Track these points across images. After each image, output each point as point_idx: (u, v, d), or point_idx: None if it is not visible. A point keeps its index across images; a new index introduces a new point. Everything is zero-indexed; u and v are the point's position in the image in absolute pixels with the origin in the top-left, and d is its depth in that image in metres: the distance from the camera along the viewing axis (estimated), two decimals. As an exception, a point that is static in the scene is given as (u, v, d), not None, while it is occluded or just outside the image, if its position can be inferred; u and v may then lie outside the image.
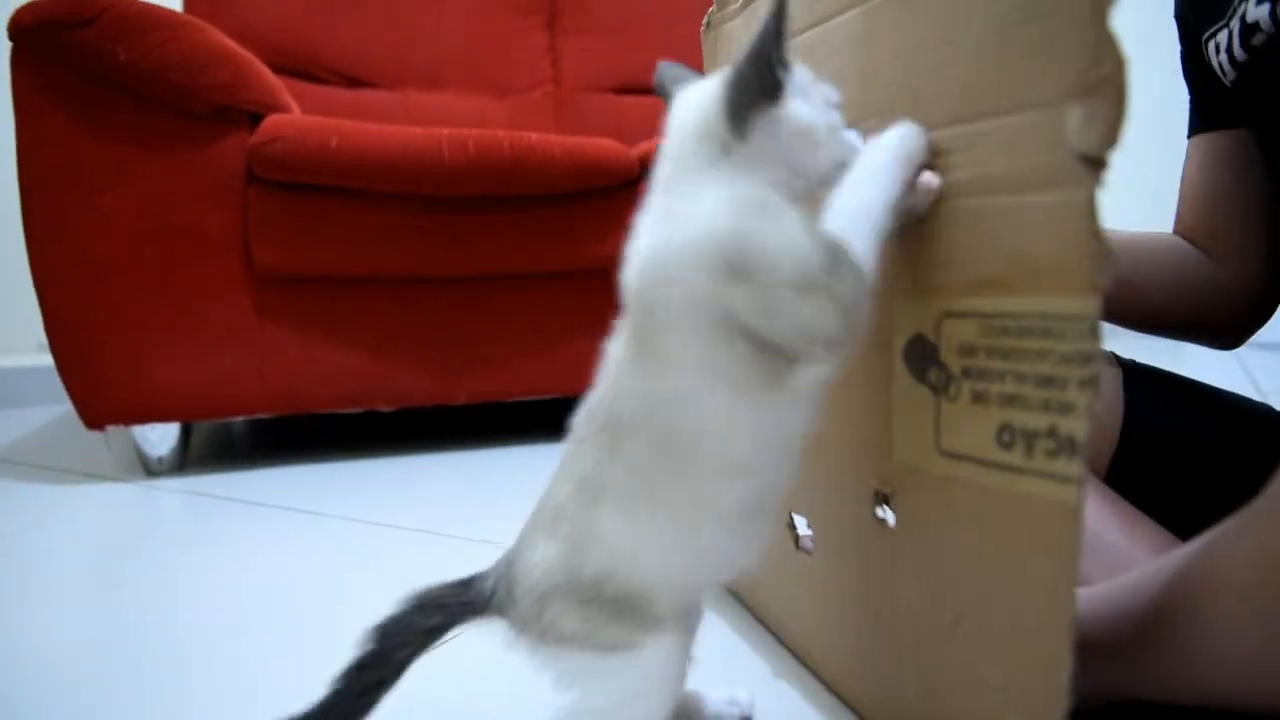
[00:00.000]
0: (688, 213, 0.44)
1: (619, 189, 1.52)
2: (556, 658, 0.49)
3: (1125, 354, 0.80)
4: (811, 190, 0.48)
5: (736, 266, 0.42)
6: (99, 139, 1.32)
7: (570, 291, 1.57)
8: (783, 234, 0.43)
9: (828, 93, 0.49)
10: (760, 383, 0.43)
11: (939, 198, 0.48)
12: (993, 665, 0.44)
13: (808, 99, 0.47)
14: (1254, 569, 0.43)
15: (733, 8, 0.81)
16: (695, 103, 0.47)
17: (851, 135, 0.49)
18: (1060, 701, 0.39)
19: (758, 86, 0.44)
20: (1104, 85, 0.37)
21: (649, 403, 0.46)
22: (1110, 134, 0.37)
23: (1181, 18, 0.81)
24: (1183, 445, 0.75)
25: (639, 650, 0.48)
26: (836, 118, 0.49)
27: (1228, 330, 0.82)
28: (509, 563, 0.51)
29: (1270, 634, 0.43)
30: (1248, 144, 0.77)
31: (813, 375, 0.44)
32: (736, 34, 0.80)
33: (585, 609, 0.47)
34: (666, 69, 0.54)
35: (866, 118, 0.55)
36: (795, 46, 0.66)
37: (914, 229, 0.49)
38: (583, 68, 2.17)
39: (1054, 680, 0.39)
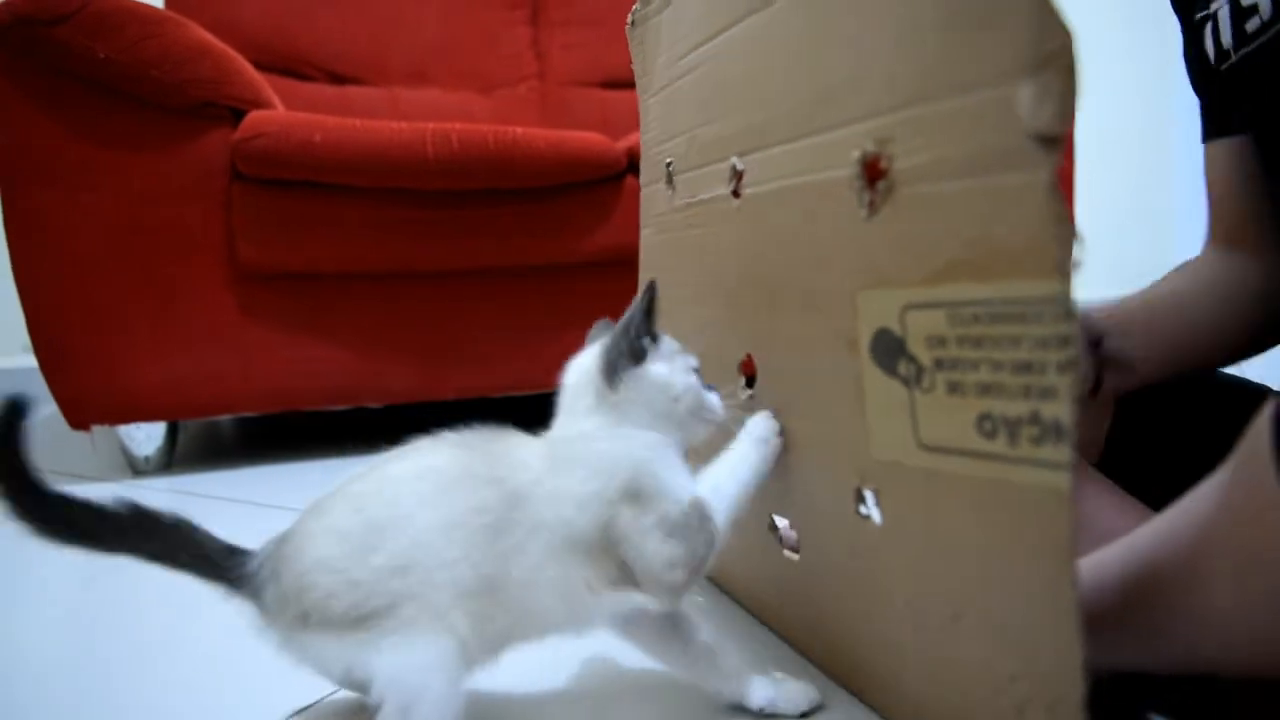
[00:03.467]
0: (589, 440, 0.56)
1: (605, 182, 1.52)
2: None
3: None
4: (674, 435, 0.58)
5: (633, 489, 0.52)
6: (79, 137, 1.31)
7: (557, 285, 1.56)
8: (674, 479, 0.54)
9: (689, 361, 0.61)
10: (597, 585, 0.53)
11: (889, 187, 0.47)
12: (1003, 656, 0.43)
13: (670, 364, 0.59)
14: (1235, 529, 0.43)
15: (656, 3, 0.79)
16: (581, 366, 0.61)
17: (712, 397, 0.60)
18: (1077, 688, 0.38)
19: (626, 351, 0.57)
20: (1053, 61, 0.36)
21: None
22: (1064, 111, 0.36)
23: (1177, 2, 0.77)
24: (1172, 424, 0.74)
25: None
26: (694, 380, 0.60)
27: None
28: (282, 539, 0.54)
29: (1248, 597, 0.43)
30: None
31: (640, 601, 0.54)
32: (663, 29, 0.78)
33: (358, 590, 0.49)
34: (598, 329, 0.66)
35: (810, 103, 0.54)
36: (730, 39, 0.65)
37: (867, 221, 0.49)
38: (567, 62, 2.16)
39: (1068, 667, 0.39)
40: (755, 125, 0.62)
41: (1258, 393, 0.75)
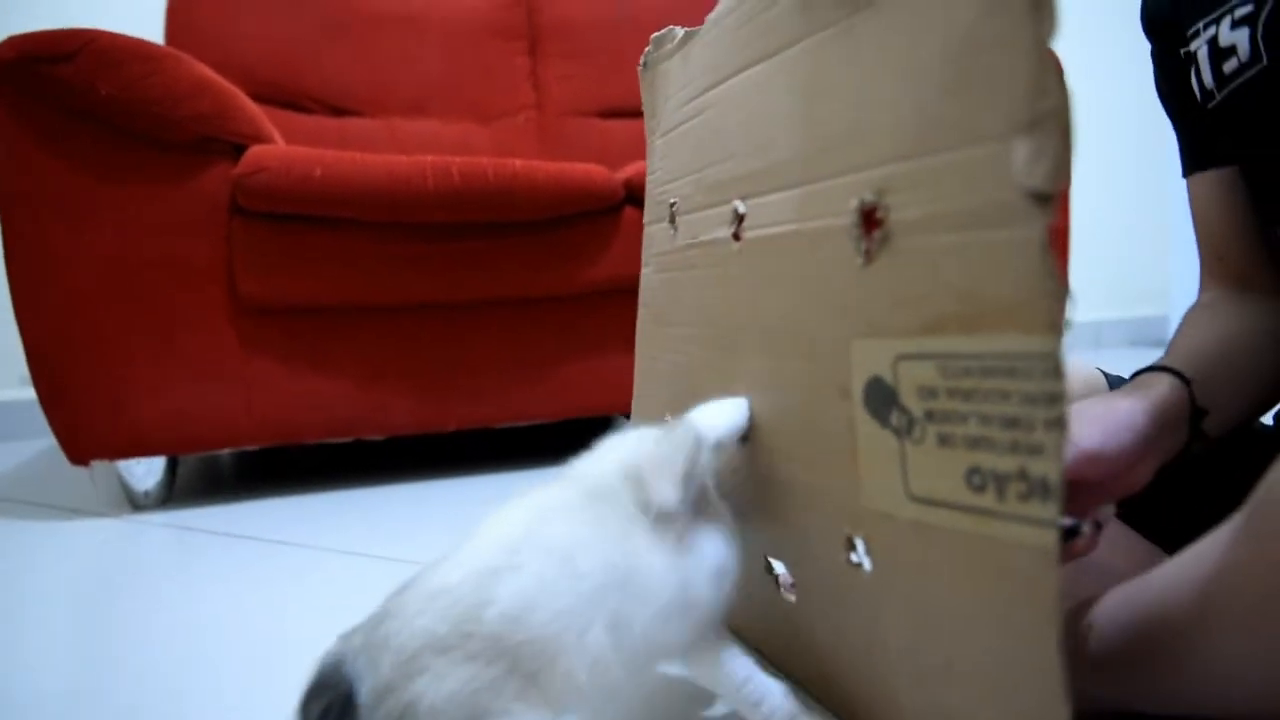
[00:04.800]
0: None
1: (604, 213, 1.53)
2: None
3: (1110, 369, 0.79)
4: None
5: None
6: (81, 172, 1.32)
7: (557, 316, 1.57)
8: None
9: None
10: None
11: (885, 237, 0.47)
12: (991, 708, 0.43)
13: None
14: (1250, 585, 0.44)
15: (669, 47, 0.80)
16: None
17: None
18: None
19: None
20: (1048, 120, 0.36)
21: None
22: (1058, 170, 0.36)
23: (1152, 25, 0.76)
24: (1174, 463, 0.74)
25: None
26: None
27: None
28: (378, 621, 0.46)
29: (1256, 649, 0.44)
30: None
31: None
32: (673, 73, 0.79)
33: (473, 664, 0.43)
34: None
35: (811, 151, 0.55)
36: (736, 85, 0.66)
37: (863, 270, 0.49)
38: (565, 92, 2.18)
39: None
40: (758, 170, 0.62)
41: (1265, 434, 0.75)
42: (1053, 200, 0.37)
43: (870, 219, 0.49)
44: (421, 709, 0.42)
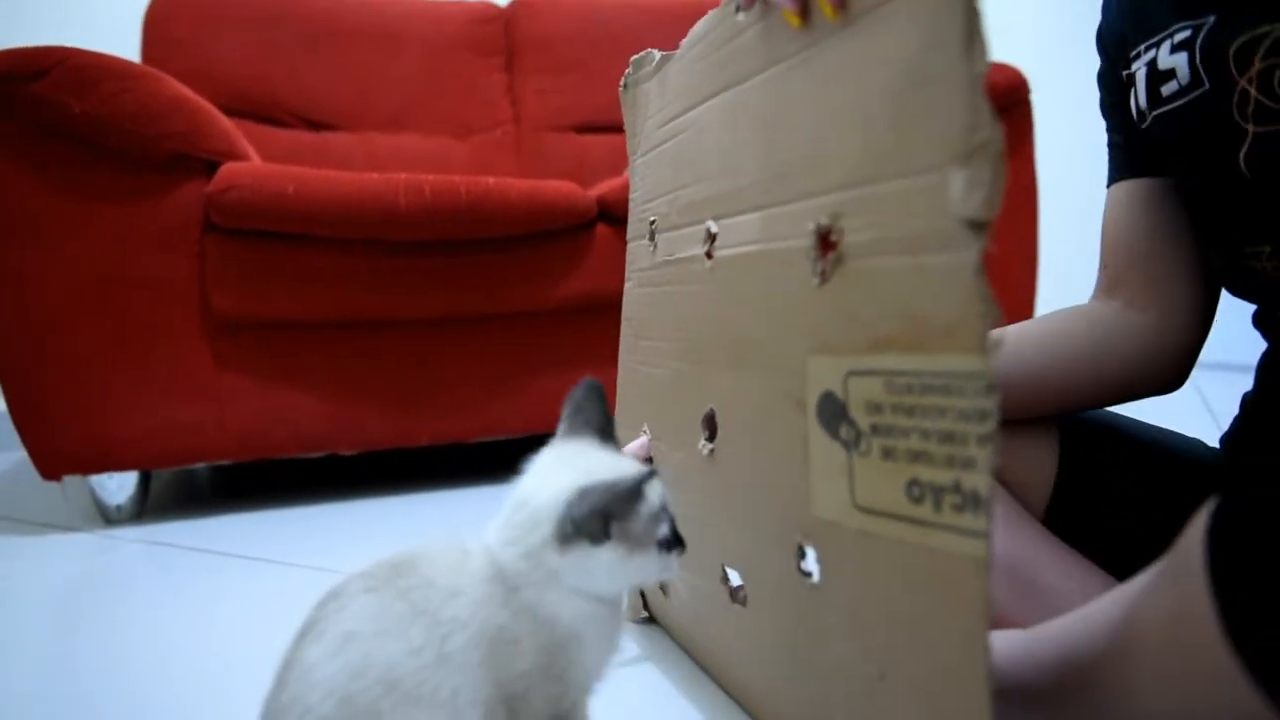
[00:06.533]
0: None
1: (577, 230, 1.54)
2: None
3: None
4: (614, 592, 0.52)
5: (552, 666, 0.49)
6: (54, 189, 1.32)
7: (529, 332, 1.59)
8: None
9: (663, 527, 0.51)
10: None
11: (839, 259, 0.49)
12: (918, 716, 0.45)
13: (630, 544, 0.50)
14: (1164, 631, 0.45)
15: (647, 70, 0.84)
16: (546, 497, 0.51)
17: (669, 564, 0.52)
18: None
19: (586, 530, 0.49)
20: (981, 151, 0.39)
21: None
22: (991, 198, 0.38)
23: (1104, 44, 0.80)
24: (1116, 484, 0.76)
25: None
26: (652, 560, 0.51)
27: (1163, 383, 0.78)
28: None
29: (1173, 688, 0.45)
30: (1171, 190, 0.76)
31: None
32: (652, 94, 0.82)
33: None
34: (578, 392, 0.59)
35: (774, 176, 0.58)
36: (707, 110, 0.69)
37: (819, 290, 0.51)
38: (542, 107, 2.20)
39: None
40: (727, 192, 0.65)
41: (1202, 459, 0.77)
42: (987, 227, 0.39)
43: (826, 241, 0.51)
44: None
